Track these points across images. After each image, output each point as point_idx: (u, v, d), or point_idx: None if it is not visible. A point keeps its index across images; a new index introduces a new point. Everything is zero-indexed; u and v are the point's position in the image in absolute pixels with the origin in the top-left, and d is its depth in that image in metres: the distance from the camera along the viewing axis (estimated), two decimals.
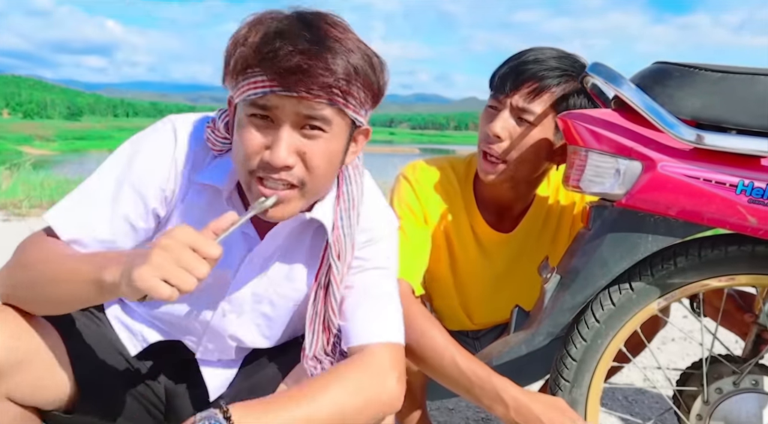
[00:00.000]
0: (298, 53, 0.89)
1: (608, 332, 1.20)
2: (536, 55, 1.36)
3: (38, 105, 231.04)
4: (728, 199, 1.05)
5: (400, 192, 1.46)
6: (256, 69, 0.91)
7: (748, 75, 1.05)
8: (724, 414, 1.23)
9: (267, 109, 0.93)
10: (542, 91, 1.32)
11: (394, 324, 1.10)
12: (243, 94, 0.94)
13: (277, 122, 0.94)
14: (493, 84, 1.41)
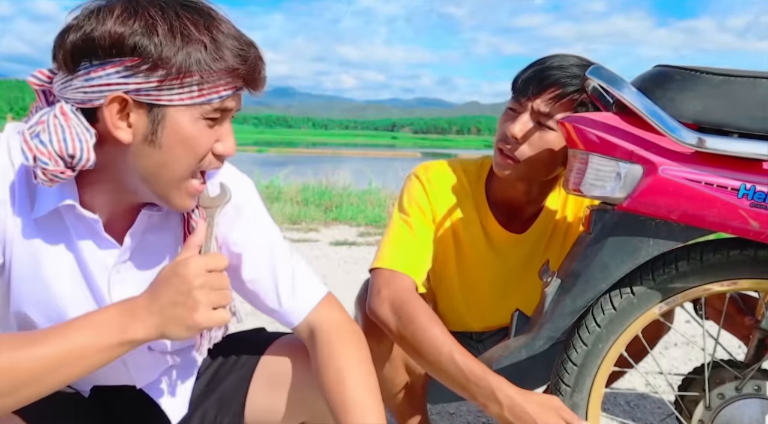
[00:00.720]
0: (257, 57, 0.93)
1: (609, 337, 1.20)
2: (560, 61, 1.37)
3: None
4: (730, 203, 1.05)
5: (411, 190, 1.47)
6: (232, 71, 0.89)
7: (750, 78, 1.05)
8: (727, 420, 1.22)
9: (226, 109, 0.93)
10: (564, 97, 1.33)
11: (311, 282, 1.16)
12: (207, 97, 0.89)
13: (224, 117, 0.95)
14: (515, 87, 1.41)
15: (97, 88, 0.86)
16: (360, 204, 7.27)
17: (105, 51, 0.85)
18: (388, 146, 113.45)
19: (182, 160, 0.92)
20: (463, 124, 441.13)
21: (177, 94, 0.88)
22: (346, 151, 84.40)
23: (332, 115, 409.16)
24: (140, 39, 0.85)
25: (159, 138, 0.89)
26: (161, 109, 0.88)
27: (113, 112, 0.87)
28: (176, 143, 0.90)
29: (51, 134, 0.86)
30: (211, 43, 0.88)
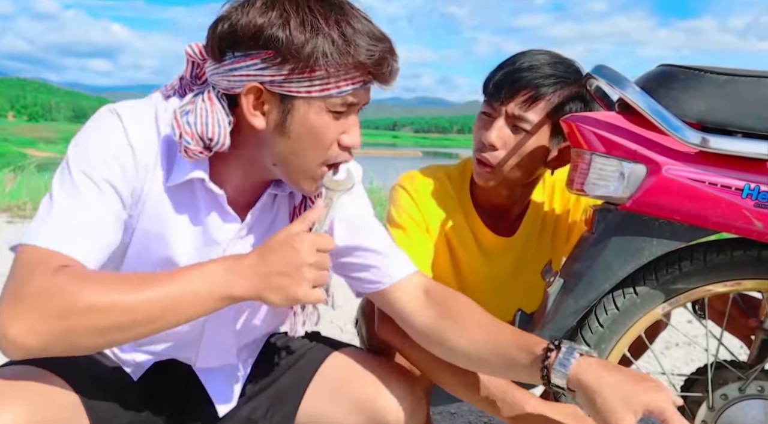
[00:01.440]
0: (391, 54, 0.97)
1: (612, 337, 1.19)
2: (531, 61, 1.33)
3: (43, 108, 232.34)
4: (734, 203, 1.04)
5: (399, 202, 1.45)
6: (357, 65, 0.93)
7: (754, 78, 1.04)
8: (730, 420, 1.22)
9: (352, 103, 0.97)
10: (538, 100, 1.31)
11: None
12: (332, 91, 0.94)
13: (351, 111, 0.99)
14: (487, 90, 1.38)
15: (237, 78, 0.94)
16: None
17: (246, 43, 0.92)
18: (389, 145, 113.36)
19: (309, 150, 0.98)
20: (464, 123, 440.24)
21: (305, 86, 0.93)
22: None
23: None
24: (275, 31, 0.91)
25: (288, 127, 0.96)
26: (290, 100, 0.94)
27: (250, 101, 0.95)
28: (303, 133, 0.96)
29: (197, 117, 0.96)
30: (339, 38, 0.92)
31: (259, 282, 0.91)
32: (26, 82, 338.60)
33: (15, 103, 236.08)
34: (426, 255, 1.41)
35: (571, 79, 1.33)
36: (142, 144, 0.99)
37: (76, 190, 0.93)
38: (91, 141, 0.98)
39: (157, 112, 1.02)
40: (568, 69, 1.35)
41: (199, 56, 1.01)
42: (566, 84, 1.32)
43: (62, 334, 0.83)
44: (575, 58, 1.40)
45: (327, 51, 0.91)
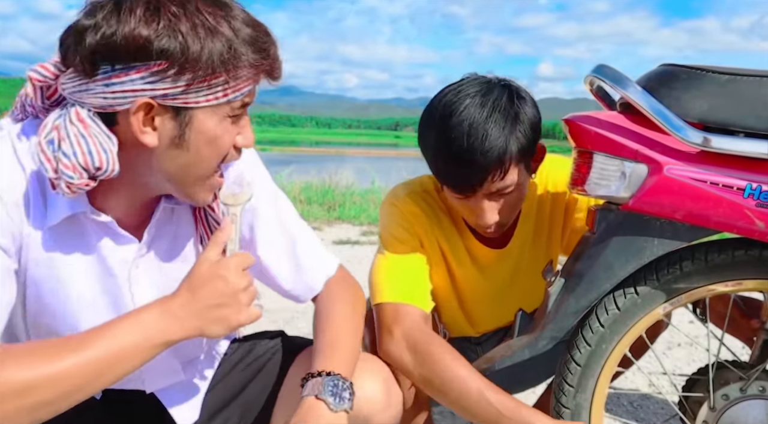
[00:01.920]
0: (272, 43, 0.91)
1: (613, 337, 1.19)
2: (478, 142, 1.19)
3: None
4: (735, 203, 1.04)
5: (392, 219, 1.42)
6: (254, 65, 0.88)
7: (756, 77, 1.04)
8: (731, 421, 1.21)
9: (247, 103, 0.93)
10: (507, 167, 1.23)
11: (322, 255, 1.20)
12: (229, 96, 0.87)
13: (244, 111, 0.94)
14: (447, 182, 1.29)
15: (120, 94, 0.82)
16: (363, 203, 7.26)
17: (130, 54, 0.81)
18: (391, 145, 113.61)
19: (208, 159, 0.92)
20: None
21: (204, 95, 0.85)
22: (349, 150, 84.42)
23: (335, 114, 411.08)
24: (166, 41, 0.81)
25: (187, 140, 0.88)
26: (188, 111, 0.86)
27: (139, 118, 0.84)
28: (203, 144, 0.89)
29: (74, 146, 0.83)
30: (233, 37, 0.85)
31: (196, 320, 0.89)
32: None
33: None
34: (419, 271, 1.38)
35: (511, 115, 1.23)
36: (7, 185, 0.87)
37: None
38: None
39: (14, 144, 0.89)
40: (505, 109, 1.23)
41: (51, 77, 0.88)
42: (513, 127, 1.22)
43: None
44: (577, 58, 1.38)
45: (224, 54, 0.84)
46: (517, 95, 1.26)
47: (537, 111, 1.28)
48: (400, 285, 1.34)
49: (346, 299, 1.17)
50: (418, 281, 1.37)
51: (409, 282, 1.35)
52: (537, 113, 1.28)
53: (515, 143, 1.22)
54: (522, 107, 1.25)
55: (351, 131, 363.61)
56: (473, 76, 1.31)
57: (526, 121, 1.24)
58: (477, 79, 1.29)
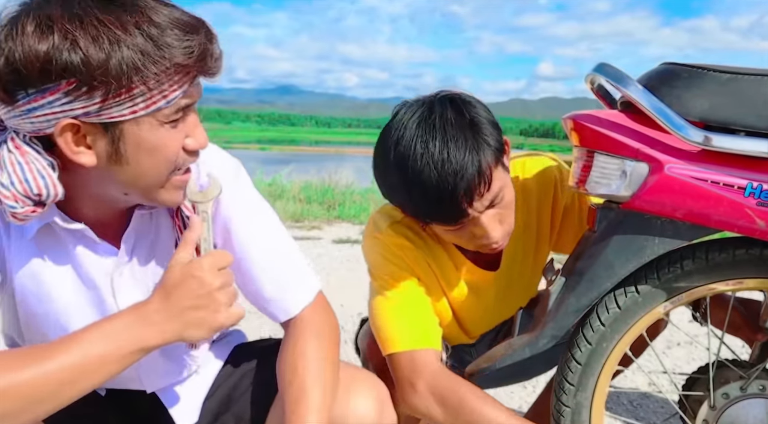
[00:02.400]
0: (201, 36, 0.83)
1: (614, 336, 1.19)
2: (443, 166, 1.11)
3: None
4: (736, 202, 1.04)
5: (380, 256, 1.32)
6: (176, 67, 0.81)
7: (757, 76, 1.04)
8: (731, 420, 1.21)
9: (185, 106, 0.86)
10: (489, 176, 1.15)
11: (303, 276, 1.11)
12: (161, 102, 0.81)
13: (187, 112, 0.87)
14: (437, 221, 1.20)
15: (43, 118, 0.79)
16: (363, 202, 7.27)
17: (35, 77, 0.76)
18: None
19: (155, 168, 0.87)
20: None
21: (127, 108, 0.80)
22: (348, 150, 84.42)
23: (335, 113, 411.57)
24: (66, 56, 0.75)
25: (124, 155, 0.83)
26: (116, 126, 0.81)
27: (68, 139, 0.81)
28: (143, 155, 0.84)
29: (11, 175, 0.80)
30: (146, 42, 0.78)
31: (173, 324, 0.86)
32: None
33: None
34: (422, 309, 1.32)
35: (465, 125, 1.14)
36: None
37: None
38: None
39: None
40: (454, 123, 1.14)
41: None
42: (476, 135, 1.14)
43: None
44: (577, 58, 1.34)
45: (137, 63, 0.77)
46: (461, 101, 1.18)
47: (486, 108, 1.20)
48: (410, 331, 1.28)
49: (321, 333, 1.08)
50: (426, 321, 1.31)
51: (418, 325, 1.29)
52: (488, 110, 1.20)
53: (485, 149, 1.14)
54: (472, 110, 1.16)
55: (351, 130, 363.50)
56: (407, 103, 1.22)
57: (484, 122, 1.16)
58: (412, 106, 1.19)
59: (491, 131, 1.17)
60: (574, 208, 1.40)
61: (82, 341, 0.81)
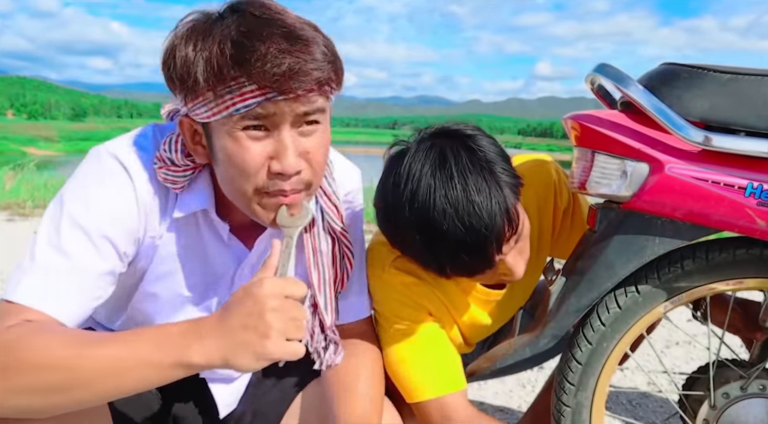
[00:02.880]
0: (284, 53, 0.84)
1: (614, 336, 1.19)
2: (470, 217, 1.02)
3: (43, 106, 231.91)
4: (737, 202, 1.04)
5: (389, 298, 1.26)
6: (240, 79, 0.84)
7: (757, 76, 1.04)
8: (732, 419, 1.22)
9: (263, 118, 0.87)
10: (517, 217, 1.09)
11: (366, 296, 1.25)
12: (228, 109, 0.86)
13: (275, 128, 0.89)
14: (463, 275, 1.13)
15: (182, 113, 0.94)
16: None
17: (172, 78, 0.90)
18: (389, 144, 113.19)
19: (236, 177, 0.90)
20: (465, 122, 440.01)
21: (208, 109, 0.88)
22: (348, 149, 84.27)
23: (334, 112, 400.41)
24: (169, 61, 0.88)
25: (216, 154, 0.92)
26: (208, 126, 0.90)
27: (187, 137, 0.94)
28: (225, 159, 0.90)
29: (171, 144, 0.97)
30: (221, 56, 0.84)
31: (220, 343, 0.79)
32: (26, 81, 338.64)
33: (14, 101, 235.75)
34: (444, 350, 1.28)
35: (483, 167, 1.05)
36: (147, 192, 0.95)
37: (67, 244, 0.88)
38: (92, 193, 0.92)
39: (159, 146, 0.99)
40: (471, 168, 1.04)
41: None
42: (494, 177, 1.05)
43: (8, 393, 0.76)
44: (575, 57, 1.31)
45: (202, 70, 0.85)
46: (469, 139, 1.08)
47: (493, 140, 1.12)
48: (435, 377, 1.24)
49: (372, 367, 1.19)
50: (449, 362, 1.27)
51: (441, 369, 1.25)
52: (494, 141, 1.12)
53: (506, 190, 1.05)
54: (484, 149, 1.07)
55: (349, 130, 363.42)
56: (404, 145, 1.12)
57: (498, 159, 1.07)
58: (419, 152, 1.07)
59: (505, 166, 1.08)
60: (570, 210, 1.40)
61: (135, 337, 0.81)
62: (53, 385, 0.77)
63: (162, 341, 0.80)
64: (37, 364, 0.76)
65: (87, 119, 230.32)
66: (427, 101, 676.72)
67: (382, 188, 1.10)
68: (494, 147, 1.09)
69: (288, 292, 0.82)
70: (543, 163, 1.38)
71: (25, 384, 0.76)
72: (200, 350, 0.79)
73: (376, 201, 1.12)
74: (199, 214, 1.02)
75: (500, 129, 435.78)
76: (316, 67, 0.87)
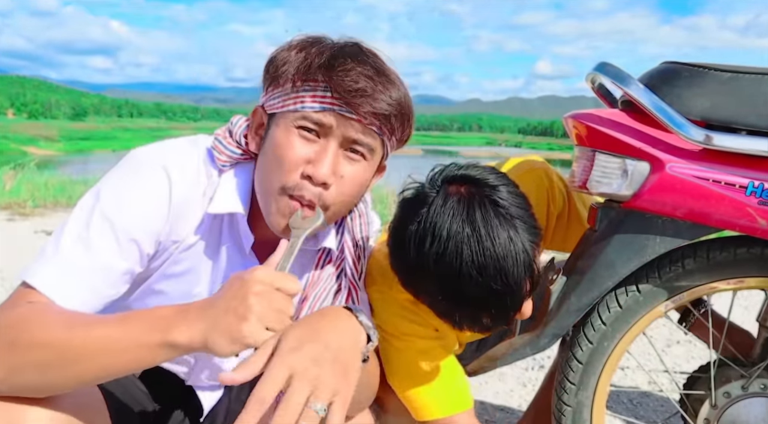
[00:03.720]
0: (366, 77, 0.92)
1: (615, 335, 1.19)
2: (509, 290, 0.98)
3: (43, 105, 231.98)
4: (738, 201, 1.04)
5: (395, 315, 1.22)
6: (320, 83, 0.92)
7: (758, 75, 1.04)
8: (733, 418, 1.22)
9: (320, 125, 0.93)
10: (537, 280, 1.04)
11: None
12: (297, 105, 0.93)
13: (325, 139, 0.94)
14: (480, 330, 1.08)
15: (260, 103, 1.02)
16: None
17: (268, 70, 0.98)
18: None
19: (273, 167, 0.95)
20: (465, 121, 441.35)
21: (275, 100, 0.96)
22: None
23: None
24: (281, 55, 0.96)
25: (265, 143, 0.98)
26: (272, 117, 0.97)
27: (254, 124, 1.01)
28: (270, 149, 0.95)
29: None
30: (317, 58, 0.93)
31: (203, 324, 0.79)
32: (26, 80, 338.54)
33: (15, 100, 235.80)
34: (452, 369, 1.27)
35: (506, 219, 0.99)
36: (182, 196, 0.97)
37: (94, 238, 0.90)
38: (127, 193, 0.94)
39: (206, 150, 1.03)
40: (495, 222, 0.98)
41: None
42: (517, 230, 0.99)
43: (10, 369, 0.79)
44: (575, 56, 1.29)
45: (296, 65, 0.93)
46: (494, 191, 1.01)
47: (513, 185, 1.05)
48: (443, 397, 1.24)
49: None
50: (457, 381, 1.27)
51: (450, 389, 1.26)
52: (515, 188, 1.05)
53: (528, 244, 0.99)
54: (507, 201, 1.00)
55: None
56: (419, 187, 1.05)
57: (520, 213, 1.01)
58: (447, 209, 0.99)
59: (526, 218, 1.02)
60: (564, 213, 1.39)
61: (127, 319, 0.82)
62: (48, 362, 0.79)
63: (151, 322, 0.81)
64: (36, 342, 0.79)
65: (87, 119, 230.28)
66: (428, 100, 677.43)
67: (401, 237, 1.04)
68: (516, 198, 1.03)
69: (279, 284, 0.81)
70: (535, 170, 1.34)
71: (23, 361, 0.79)
72: (184, 331, 0.79)
73: (392, 246, 1.08)
74: (226, 221, 1.02)
75: (500, 128, 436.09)
76: (387, 103, 0.94)
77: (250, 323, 0.77)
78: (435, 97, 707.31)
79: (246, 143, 1.02)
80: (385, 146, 1.00)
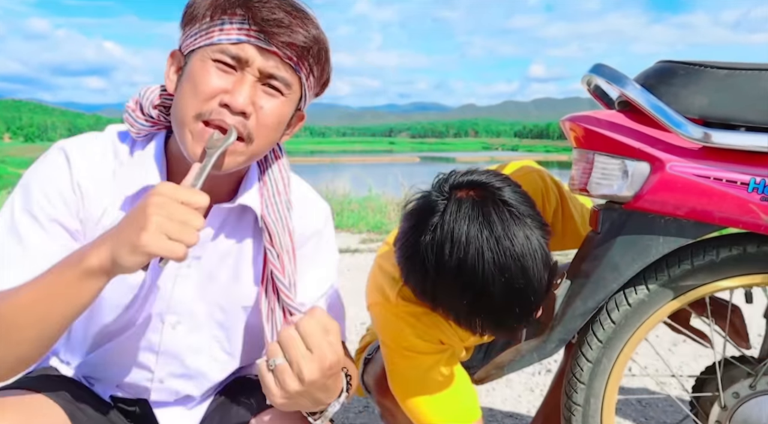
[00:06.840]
0: (283, 10, 0.92)
1: (624, 334, 1.18)
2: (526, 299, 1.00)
3: (39, 128, 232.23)
4: (740, 198, 1.03)
5: (399, 330, 1.21)
6: (237, 15, 0.91)
7: (755, 71, 1.04)
8: (744, 418, 1.20)
9: (236, 58, 0.92)
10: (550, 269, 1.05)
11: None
12: (213, 38, 0.92)
13: (242, 73, 0.93)
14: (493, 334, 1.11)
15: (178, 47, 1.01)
16: (361, 211, 7.25)
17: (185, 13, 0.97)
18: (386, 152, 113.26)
19: (187, 95, 0.94)
20: (460, 126, 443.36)
21: (192, 38, 0.95)
22: (344, 158, 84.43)
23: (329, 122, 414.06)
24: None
25: (181, 78, 0.97)
26: (188, 56, 0.96)
27: (170, 67, 1.00)
28: (186, 81, 0.95)
29: None
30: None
31: (110, 242, 0.81)
32: (21, 104, 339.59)
33: (11, 124, 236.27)
34: (460, 384, 1.26)
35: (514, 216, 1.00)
36: (87, 174, 0.99)
37: (20, 228, 0.95)
38: (35, 176, 0.99)
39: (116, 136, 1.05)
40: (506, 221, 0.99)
41: None
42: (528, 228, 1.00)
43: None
44: (568, 58, 1.30)
45: (210, 2, 0.93)
46: (500, 191, 1.03)
47: (515, 185, 1.06)
48: (450, 410, 1.24)
49: None
50: (464, 393, 1.26)
51: (457, 402, 1.24)
52: (518, 186, 1.06)
53: (543, 240, 1.01)
54: (514, 200, 1.02)
55: (345, 139, 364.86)
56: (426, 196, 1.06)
57: (527, 210, 1.02)
58: (462, 214, 1.00)
59: (533, 215, 1.02)
60: (559, 209, 1.39)
61: (50, 269, 0.85)
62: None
63: (68, 260, 0.84)
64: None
65: None
66: (423, 108, 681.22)
67: (414, 248, 1.03)
68: (521, 197, 1.04)
69: (183, 197, 0.81)
70: (530, 172, 1.35)
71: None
72: (94, 255, 0.81)
73: (404, 258, 1.06)
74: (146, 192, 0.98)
75: (496, 132, 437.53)
76: (304, 36, 0.93)
77: (148, 232, 0.78)
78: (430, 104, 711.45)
79: (158, 115, 1.02)
80: (302, 86, 0.98)
